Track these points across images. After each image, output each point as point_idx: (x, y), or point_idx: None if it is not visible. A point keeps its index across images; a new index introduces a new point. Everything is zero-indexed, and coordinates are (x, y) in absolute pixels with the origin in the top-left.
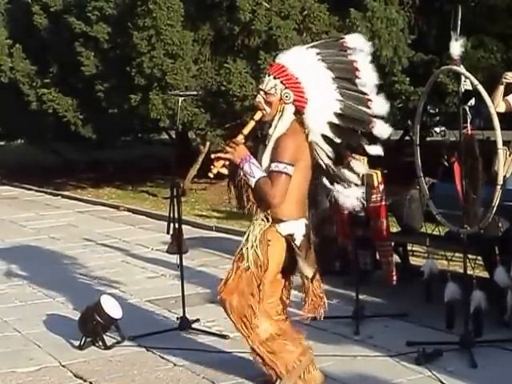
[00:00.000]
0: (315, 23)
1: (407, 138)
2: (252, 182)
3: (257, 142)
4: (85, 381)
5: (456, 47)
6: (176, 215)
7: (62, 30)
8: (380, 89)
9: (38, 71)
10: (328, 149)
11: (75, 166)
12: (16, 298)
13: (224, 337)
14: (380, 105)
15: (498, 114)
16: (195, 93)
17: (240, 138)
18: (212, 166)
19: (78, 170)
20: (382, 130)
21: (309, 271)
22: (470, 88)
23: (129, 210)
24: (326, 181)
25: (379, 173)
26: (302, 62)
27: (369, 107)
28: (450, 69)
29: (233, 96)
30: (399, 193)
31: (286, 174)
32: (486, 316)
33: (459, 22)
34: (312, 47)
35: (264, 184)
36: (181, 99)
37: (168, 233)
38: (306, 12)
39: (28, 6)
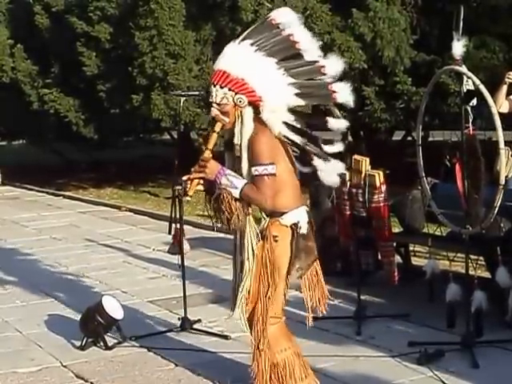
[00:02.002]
0: (317, 23)
1: (409, 138)
2: (236, 193)
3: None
4: (86, 381)
5: (458, 47)
6: (177, 215)
7: (63, 30)
8: (382, 89)
9: (40, 71)
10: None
11: (77, 166)
12: (17, 298)
13: (225, 337)
14: (333, 64)
15: (501, 114)
16: (197, 93)
17: (207, 154)
18: (186, 189)
19: (80, 170)
20: (345, 94)
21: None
22: (471, 88)
23: (130, 210)
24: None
25: (381, 173)
26: (240, 60)
27: (324, 74)
28: (452, 69)
29: None
30: (401, 193)
31: (267, 175)
32: (487, 316)
33: (461, 22)
34: (243, 39)
35: (250, 191)
36: (183, 99)
37: (169, 233)
38: (308, 12)
39: (29, 6)
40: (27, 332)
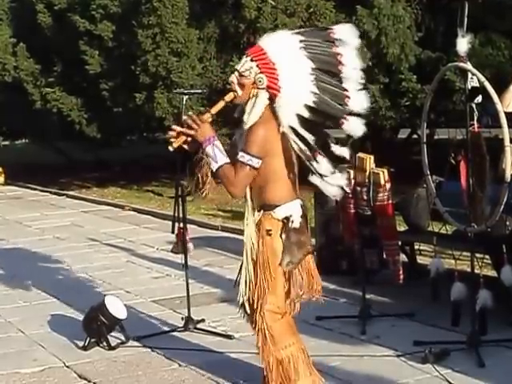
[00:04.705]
0: (321, 21)
1: (415, 136)
2: (214, 166)
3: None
4: (89, 381)
5: (462, 44)
6: (181, 215)
7: (66, 29)
8: (387, 87)
9: (42, 70)
10: (297, 140)
11: (80, 165)
12: (20, 298)
13: (229, 337)
14: (359, 102)
15: (508, 113)
16: (200, 91)
17: (207, 117)
18: (173, 140)
19: (83, 169)
20: (355, 127)
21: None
22: (476, 85)
23: (134, 209)
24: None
25: (386, 171)
26: (283, 47)
27: (346, 104)
28: (457, 66)
29: None
30: (406, 191)
31: (250, 166)
32: (493, 315)
33: (466, 19)
34: (297, 33)
35: (227, 171)
36: (186, 97)
37: (173, 232)
38: (311, 9)
39: (32, 5)
40: (30, 332)
